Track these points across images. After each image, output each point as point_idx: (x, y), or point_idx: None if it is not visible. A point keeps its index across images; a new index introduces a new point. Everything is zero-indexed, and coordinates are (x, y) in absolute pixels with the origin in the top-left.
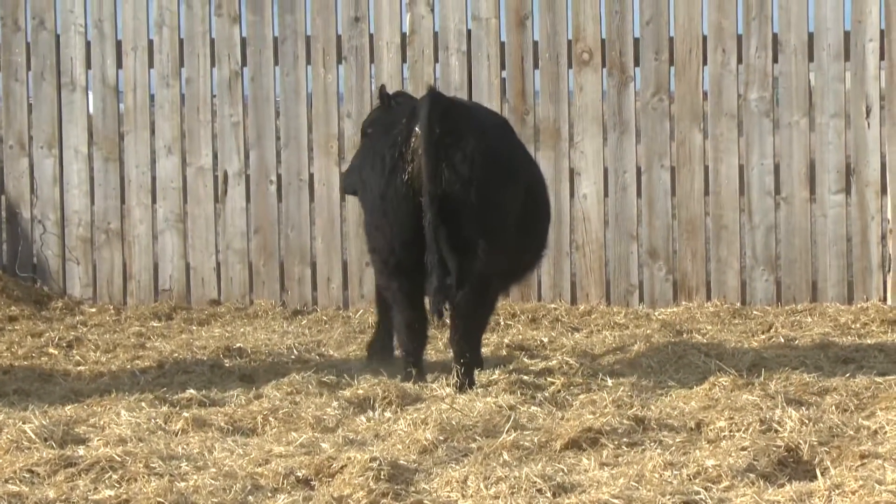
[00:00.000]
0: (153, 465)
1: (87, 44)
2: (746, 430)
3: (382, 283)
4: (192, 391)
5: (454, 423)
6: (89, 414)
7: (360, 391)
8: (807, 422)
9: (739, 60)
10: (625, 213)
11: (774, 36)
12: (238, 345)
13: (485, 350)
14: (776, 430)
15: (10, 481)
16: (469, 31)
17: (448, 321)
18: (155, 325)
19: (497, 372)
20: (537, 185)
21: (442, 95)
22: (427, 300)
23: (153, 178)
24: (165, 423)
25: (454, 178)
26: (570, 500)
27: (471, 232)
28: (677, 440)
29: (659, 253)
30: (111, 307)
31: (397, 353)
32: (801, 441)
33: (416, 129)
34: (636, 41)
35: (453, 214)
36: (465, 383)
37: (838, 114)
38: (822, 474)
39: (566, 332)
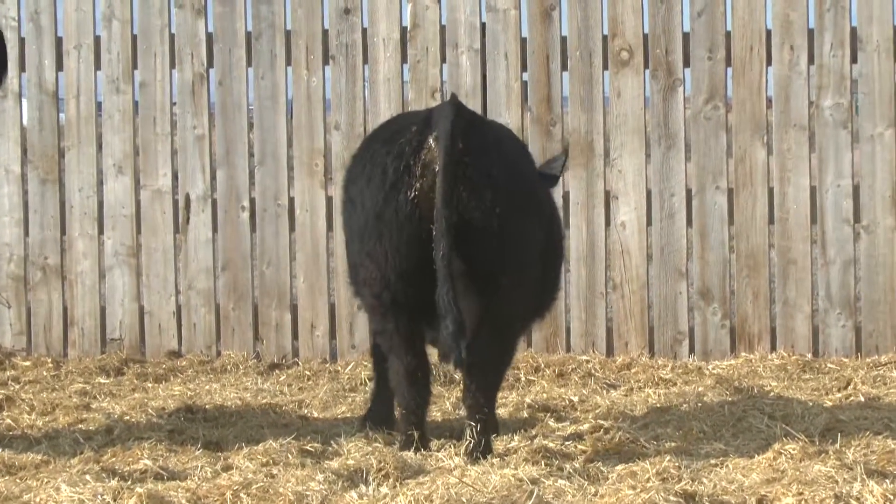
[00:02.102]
0: None
1: (21, 41)
2: None
3: (376, 326)
4: (146, 462)
5: (465, 500)
6: (23, 489)
7: (351, 461)
8: (891, 498)
9: (811, 60)
10: (672, 244)
11: (853, 30)
12: (203, 405)
13: (501, 411)
14: None
15: None
16: (483, 25)
17: (459, 375)
18: (102, 381)
19: (517, 438)
20: (555, 212)
21: (464, 106)
22: (432, 347)
23: (100, 204)
24: (115, 501)
25: (474, 204)
26: None
27: (491, 266)
28: None
29: (713, 293)
30: (49, 360)
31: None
32: None
33: (431, 140)
34: (685, 36)
35: (468, 245)
36: (480, 450)
37: None
38: None
39: (600, 390)
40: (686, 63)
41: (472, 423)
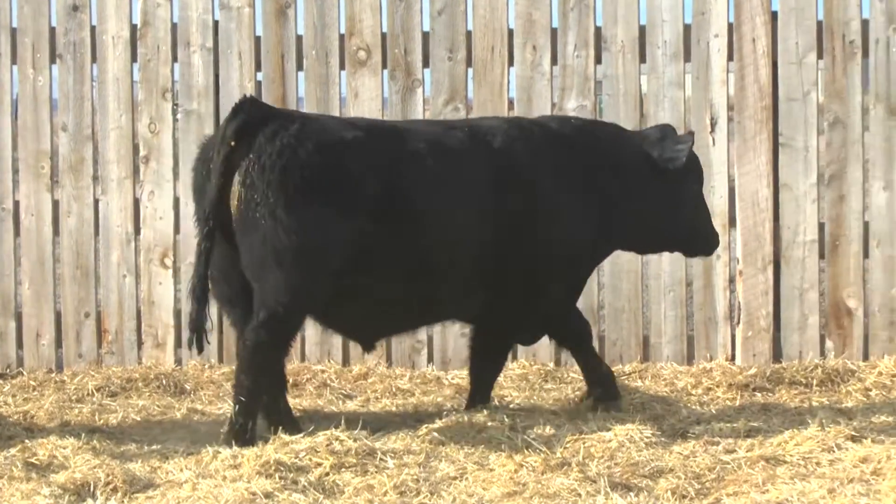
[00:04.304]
0: None
1: None
2: None
3: None
4: None
5: None
6: None
7: (78, 475)
8: None
9: (554, 61)
10: None
11: (597, 30)
12: None
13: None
14: None
15: None
16: (216, 23)
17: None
18: None
19: (250, 450)
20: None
21: (248, 105)
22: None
23: None
24: None
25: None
26: None
27: (256, 259)
28: None
29: None
30: None
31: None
32: None
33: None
34: (425, 36)
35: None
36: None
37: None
38: None
39: (337, 400)
40: (426, 63)
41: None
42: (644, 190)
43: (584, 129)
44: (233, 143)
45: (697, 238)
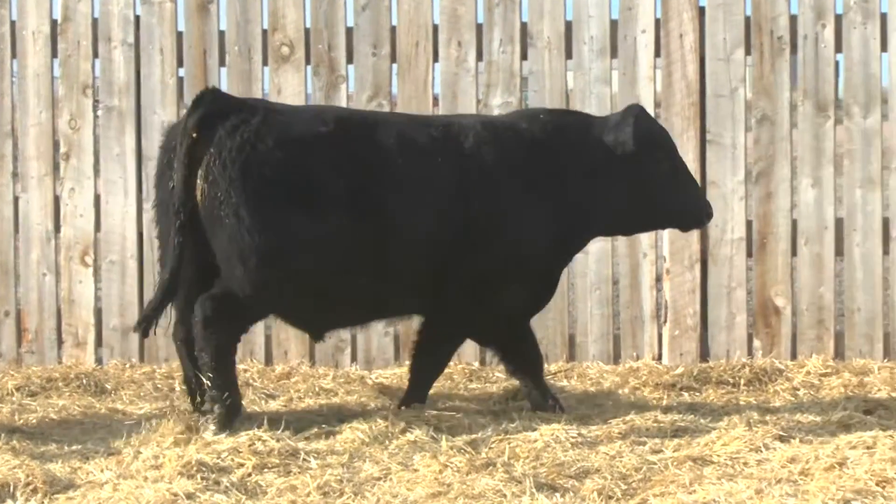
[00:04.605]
0: None
1: None
2: None
3: None
4: None
5: None
6: None
7: None
8: None
9: (479, 57)
10: None
11: (523, 26)
12: None
13: (155, 423)
14: None
15: None
16: (138, 18)
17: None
18: None
19: (171, 451)
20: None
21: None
22: None
23: None
24: None
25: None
26: None
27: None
28: None
29: None
30: None
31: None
32: None
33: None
34: (349, 31)
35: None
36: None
37: None
38: None
39: (260, 400)
40: (350, 59)
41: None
42: (612, 176)
43: (553, 126)
44: (194, 135)
45: (680, 212)
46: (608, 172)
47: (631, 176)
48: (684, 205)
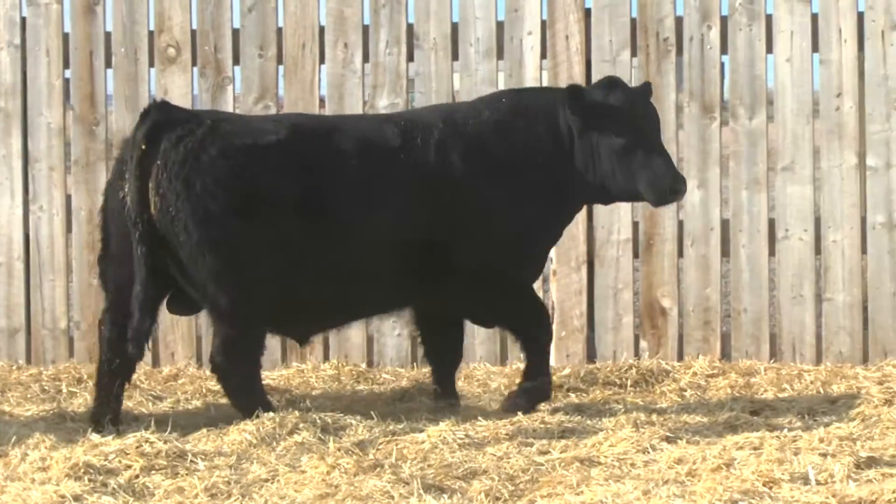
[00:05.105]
0: None
1: None
2: None
3: None
4: None
5: None
6: None
7: None
8: None
9: (366, 58)
10: None
11: (409, 27)
12: None
13: (42, 425)
14: None
15: None
16: (24, 20)
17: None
18: None
19: (58, 452)
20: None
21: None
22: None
23: None
24: None
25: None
26: None
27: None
28: None
29: None
30: None
31: None
32: None
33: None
34: (235, 33)
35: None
36: None
37: None
38: None
39: (147, 402)
40: (236, 60)
41: None
42: (572, 151)
43: (515, 110)
44: (143, 147)
45: (643, 183)
46: (583, 144)
47: (588, 147)
48: (645, 175)
